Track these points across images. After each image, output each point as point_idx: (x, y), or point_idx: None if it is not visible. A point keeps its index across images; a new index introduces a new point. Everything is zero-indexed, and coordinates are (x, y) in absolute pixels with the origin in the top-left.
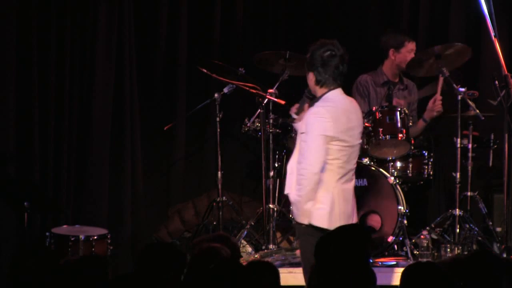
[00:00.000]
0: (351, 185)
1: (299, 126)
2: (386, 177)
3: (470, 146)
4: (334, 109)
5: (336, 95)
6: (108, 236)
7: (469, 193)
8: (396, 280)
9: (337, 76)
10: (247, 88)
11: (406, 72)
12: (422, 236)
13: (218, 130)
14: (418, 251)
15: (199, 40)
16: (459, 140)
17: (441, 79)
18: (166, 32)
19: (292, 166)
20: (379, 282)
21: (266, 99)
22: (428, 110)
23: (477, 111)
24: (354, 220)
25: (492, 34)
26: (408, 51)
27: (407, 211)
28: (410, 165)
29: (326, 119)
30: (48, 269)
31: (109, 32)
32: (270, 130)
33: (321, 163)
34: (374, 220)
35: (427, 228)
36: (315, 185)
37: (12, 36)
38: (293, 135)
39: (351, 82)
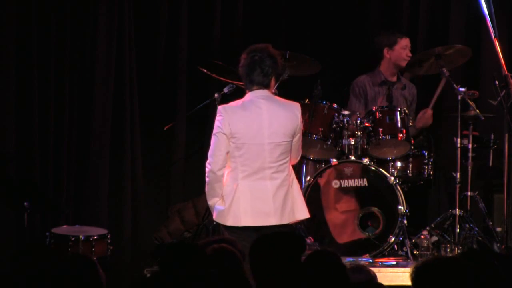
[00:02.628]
0: (267, 184)
1: None
2: (386, 177)
3: (470, 146)
4: (233, 107)
5: (254, 95)
6: (108, 236)
7: (469, 193)
8: (397, 280)
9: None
10: None
11: (406, 71)
12: (422, 236)
13: None
14: (418, 251)
15: (199, 40)
16: (459, 140)
17: (438, 89)
18: (166, 32)
19: None
20: (380, 282)
21: None
22: (417, 119)
23: (477, 111)
24: (276, 219)
25: (492, 34)
26: (402, 47)
27: (407, 211)
28: (410, 165)
29: (222, 117)
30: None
31: (109, 32)
32: None
33: (220, 161)
34: (374, 220)
35: (427, 228)
36: (216, 183)
37: (12, 36)
38: None
39: (351, 82)
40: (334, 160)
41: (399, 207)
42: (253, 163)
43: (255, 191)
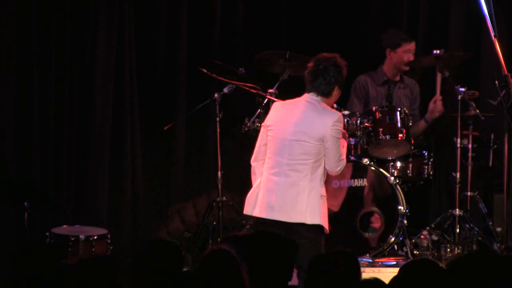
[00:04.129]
0: (280, 179)
1: None
2: (386, 177)
3: (470, 146)
4: (280, 103)
5: (303, 96)
6: (108, 236)
7: (469, 193)
8: None
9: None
10: (247, 88)
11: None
12: (422, 236)
13: (218, 130)
14: (418, 251)
15: (199, 40)
16: (459, 140)
17: (438, 77)
18: (166, 32)
19: None
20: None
21: (266, 99)
22: (429, 111)
23: (477, 111)
24: (281, 215)
25: (492, 34)
26: (405, 51)
27: (407, 211)
28: (410, 165)
29: (271, 111)
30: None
31: (109, 32)
32: None
33: (256, 153)
34: (374, 220)
35: (427, 228)
36: (252, 175)
37: (12, 36)
38: None
39: (351, 82)
40: None
41: (399, 207)
42: (275, 156)
43: (269, 183)
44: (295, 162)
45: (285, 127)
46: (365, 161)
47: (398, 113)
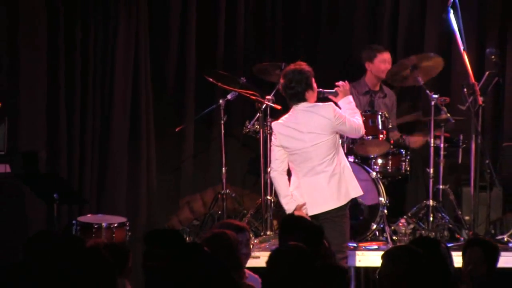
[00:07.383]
0: (318, 177)
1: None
2: (368, 172)
3: (442, 145)
4: (280, 124)
5: (293, 109)
6: (127, 224)
7: (441, 186)
8: (378, 262)
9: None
10: (248, 95)
11: (386, 81)
12: (400, 224)
13: (223, 131)
14: (396, 236)
15: (206, 53)
16: (432, 140)
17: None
18: (177, 46)
19: None
20: (364, 264)
21: (264, 105)
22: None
23: (448, 115)
24: (328, 204)
25: (461, 48)
26: (380, 61)
27: (387, 202)
28: (390, 162)
29: (274, 135)
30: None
31: (127, 47)
32: (268, 132)
33: (272, 164)
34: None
35: (405, 216)
36: (274, 181)
37: (43, 47)
38: None
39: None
40: None
41: (380, 198)
42: (303, 164)
43: (312, 183)
44: (320, 162)
45: (292, 141)
46: (351, 158)
47: (379, 116)
